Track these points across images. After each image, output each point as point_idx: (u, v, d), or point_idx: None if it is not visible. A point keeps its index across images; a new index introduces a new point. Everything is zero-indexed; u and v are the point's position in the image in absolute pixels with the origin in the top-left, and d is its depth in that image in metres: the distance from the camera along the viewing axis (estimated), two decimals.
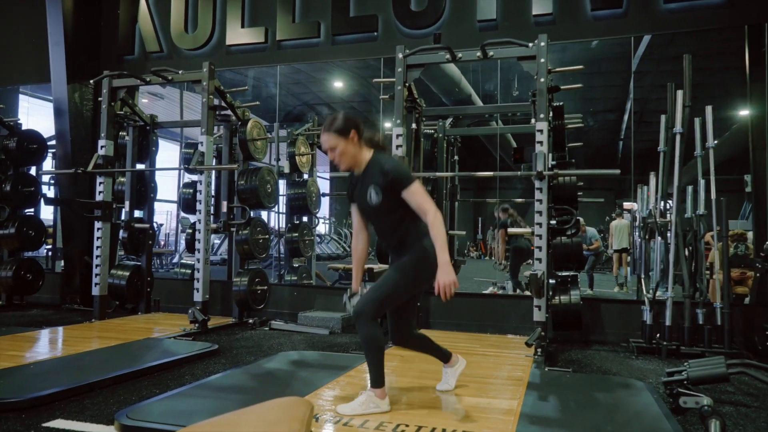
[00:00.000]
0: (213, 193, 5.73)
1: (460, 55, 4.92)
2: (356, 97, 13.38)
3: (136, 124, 6.36)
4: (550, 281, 4.87)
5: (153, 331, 5.21)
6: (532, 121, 4.69)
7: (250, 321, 5.81)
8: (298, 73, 11.22)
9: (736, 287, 6.04)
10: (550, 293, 4.84)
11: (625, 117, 12.82)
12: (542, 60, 4.64)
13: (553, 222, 4.95)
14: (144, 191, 6.39)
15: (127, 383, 3.53)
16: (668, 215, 5.40)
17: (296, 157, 7.25)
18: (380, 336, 2.77)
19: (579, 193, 5.15)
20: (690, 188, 5.76)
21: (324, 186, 13.73)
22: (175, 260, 12.82)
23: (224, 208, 5.93)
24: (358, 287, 3.01)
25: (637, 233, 10.02)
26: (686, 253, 5.09)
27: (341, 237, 17.37)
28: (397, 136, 4.96)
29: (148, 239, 6.25)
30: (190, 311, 5.29)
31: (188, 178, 7.17)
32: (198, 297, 5.40)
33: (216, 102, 5.67)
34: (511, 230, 6.21)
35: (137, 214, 6.42)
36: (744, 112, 9.67)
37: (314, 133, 7.76)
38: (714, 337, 4.76)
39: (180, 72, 5.67)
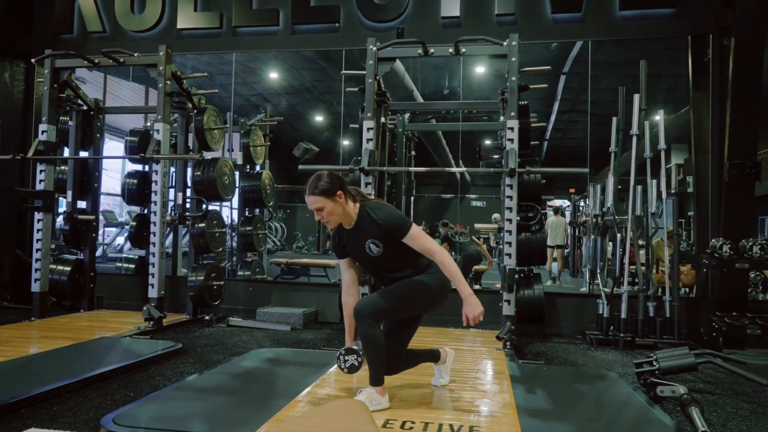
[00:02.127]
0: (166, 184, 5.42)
1: (432, 50, 4.92)
2: (292, 90, 13.13)
3: (79, 109, 5.91)
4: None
5: (102, 330, 4.88)
6: (501, 118, 4.76)
7: (206, 318, 5.57)
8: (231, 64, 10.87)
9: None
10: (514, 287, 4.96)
11: (552, 118, 13.26)
12: (513, 59, 4.73)
13: (517, 218, 5.06)
14: (88, 181, 5.96)
15: (95, 386, 3.29)
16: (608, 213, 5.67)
17: (251, 148, 7.00)
18: (380, 335, 2.77)
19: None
20: (640, 188, 6.09)
21: None
22: (98, 253, 12.14)
23: (179, 200, 5.64)
24: (351, 342, 2.94)
25: (571, 230, 10.49)
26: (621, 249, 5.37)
27: (272, 231, 17.06)
28: (368, 129, 4.90)
29: (92, 232, 5.84)
30: (144, 308, 5.00)
31: (131, 167, 6.78)
32: (153, 293, 5.11)
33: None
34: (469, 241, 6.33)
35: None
36: (657, 117, 10.31)
37: (267, 124, 7.54)
38: (664, 329, 5.06)
39: (136, 55, 5.31)
